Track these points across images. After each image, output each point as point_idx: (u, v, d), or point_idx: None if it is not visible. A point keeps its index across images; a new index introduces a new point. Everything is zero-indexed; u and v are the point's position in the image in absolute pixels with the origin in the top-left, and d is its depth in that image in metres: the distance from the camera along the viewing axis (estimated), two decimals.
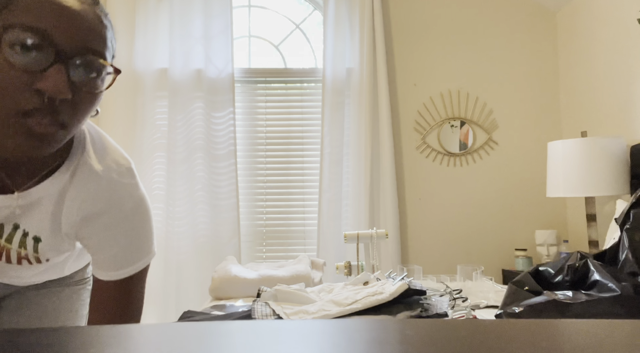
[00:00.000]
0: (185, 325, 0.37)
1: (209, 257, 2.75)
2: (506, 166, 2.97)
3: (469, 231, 2.92)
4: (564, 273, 1.29)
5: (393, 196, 2.80)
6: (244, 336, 0.34)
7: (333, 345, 0.31)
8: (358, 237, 1.96)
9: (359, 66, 2.87)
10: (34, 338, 0.34)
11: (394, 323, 0.36)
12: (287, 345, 0.31)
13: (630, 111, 2.33)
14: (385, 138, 2.83)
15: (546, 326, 0.35)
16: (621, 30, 2.38)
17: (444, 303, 1.10)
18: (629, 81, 2.34)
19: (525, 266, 2.66)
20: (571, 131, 2.88)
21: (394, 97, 2.97)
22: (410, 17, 3.02)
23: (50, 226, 0.75)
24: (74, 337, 0.34)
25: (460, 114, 2.98)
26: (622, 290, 1.08)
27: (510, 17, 3.03)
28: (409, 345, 0.31)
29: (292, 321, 0.39)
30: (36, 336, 0.34)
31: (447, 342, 0.31)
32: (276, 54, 3.13)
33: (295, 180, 2.99)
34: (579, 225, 2.81)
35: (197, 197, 2.80)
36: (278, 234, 2.94)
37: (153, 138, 2.84)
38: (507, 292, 1.27)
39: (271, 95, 3.05)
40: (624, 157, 2.21)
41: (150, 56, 2.87)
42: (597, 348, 0.30)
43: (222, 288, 2.04)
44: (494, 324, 0.36)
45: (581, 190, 2.21)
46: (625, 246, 1.23)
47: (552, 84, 3.02)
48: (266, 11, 3.14)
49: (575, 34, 2.83)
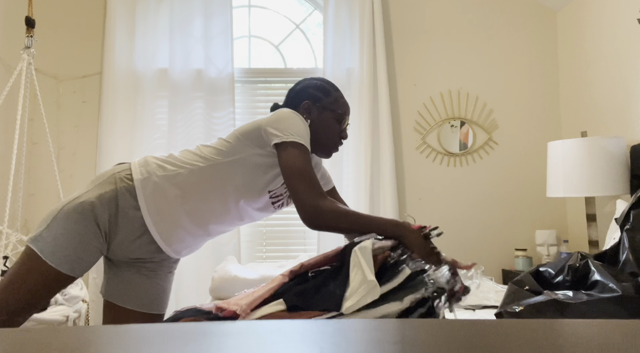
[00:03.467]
0: (185, 325, 0.37)
1: (209, 257, 2.75)
2: (506, 166, 2.97)
3: (469, 231, 2.92)
4: (565, 274, 1.29)
5: (393, 196, 2.80)
6: (244, 336, 0.34)
7: (333, 345, 0.31)
8: None
9: (359, 66, 2.87)
10: (35, 338, 0.34)
11: (394, 323, 0.36)
12: (287, 345, 0.31)
13: (630, 111, 2.33)
14: (385, 138, 2.82)
15: (546, 326, 0.35)
16: (621, 30, 2.38)
17: (444, 274, 1.08)
18: (629, 81, 2.34)
19: (525, 266, 2.66)
20: (571, 131, 2.88)
21: (394, 97, 2.97)
22: (410, 17, 3.02)
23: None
24: (74, 337, 0.34)
25: (460, 114, 2.98)
26: (623, 291, 1.08)
27: (510, 17, 3.03)
28: (409, 345, 0.30)
29: (292, 321, 0.39)
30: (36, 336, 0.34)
31: (447, 342, 0.31)
32: (276, 54, 3.13)
33: None
34: (579, 225, 2.81)
35: None
36: (278, 234, 2.94)
37: (153, 137, 2.84)
38: (507, 292, 1.26)
39: (271, 95, 3.05)
40: (624, 157, 2.21)
41: (150, 56, 2.87)
42: (597, 348, 0.30)
43: (222, 288, 2.04)
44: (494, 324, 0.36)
45: (581, 190, 2.21)
46: (625, 246, 1.23)
47: (552, 84, 3.02)
48: (266, 11, 3.14)
49: (575, 34, 2.83)
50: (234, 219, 1.27)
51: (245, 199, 1.21)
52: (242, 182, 1.20)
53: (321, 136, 1.27)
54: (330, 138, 1.29)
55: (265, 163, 1.19)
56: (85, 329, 0.37)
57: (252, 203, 1.23)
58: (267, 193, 1.23)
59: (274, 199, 1.26)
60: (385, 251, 1.08)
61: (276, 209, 1.32)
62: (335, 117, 1.29)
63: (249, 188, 1.20)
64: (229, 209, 1.22)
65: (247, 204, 1.23)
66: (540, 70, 3.02)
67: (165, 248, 1.25)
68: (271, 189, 1.23)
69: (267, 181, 1.21)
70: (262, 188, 1.21)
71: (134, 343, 0.33)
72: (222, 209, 1.22)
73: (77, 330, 0.36)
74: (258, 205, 1.25)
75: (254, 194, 1.21)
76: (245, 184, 1.20)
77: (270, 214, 1.34)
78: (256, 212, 1.28)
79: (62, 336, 0.35)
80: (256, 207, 1.25)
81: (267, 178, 1.20)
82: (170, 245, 1.25)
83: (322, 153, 1.31)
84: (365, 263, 1.02)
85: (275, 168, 1.19)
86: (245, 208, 1.24)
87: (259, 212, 1.29)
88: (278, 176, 1.21)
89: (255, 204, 1.24)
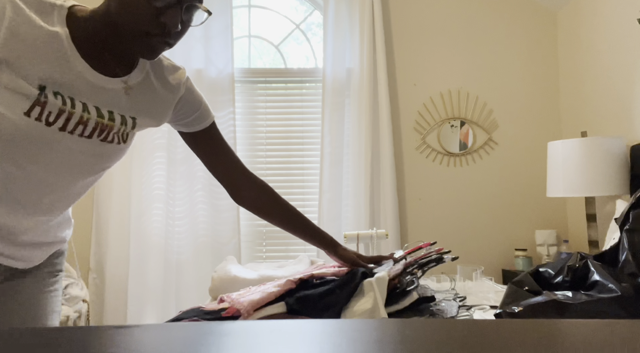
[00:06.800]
0: (185, 325, 0.38)
1: (209, 257, 2.75)
2: (506, 166, 2.97)
3: (469, 231, 2.92)
4: (564, 274, 1.29)
5: (393, 196, 2.80)
6: (244, 336, 0.34)
7: (333, 345, 0.31)
8: (358, 237, 1.96)
9: (359, 66, 2.87)
10: (33, 337, 0.34)
11: (394, 323, 0.36)
12: (287, 345, 0.31)
13: (630, 111, 2.33)
14: (385, 138, 2.82)
15: (546, 326, 0.35)
16: (621, 30, 2.38)
17: (453, 308, 1.10)
18: (629, 81, 2.34)
19: (525, 266, 2.66)
20: (571, 131, 2.88)
21: (394, 97, 2.97)
22: (410, 17, 3.02)
23: (147, 108, 0.99)
24: (74, 337, 0.34)
25: (460, 114, 2.98)
26: (622, 291, 1.08)
27: (510, 17, 3.03)
28: (409, 345, 0.31)
29: (293, 321, 0.39)
30: (35, 336, 0.34)
31: (447, 342, 0.31)
32: (276, 54, 3.13)
33: (295, 180, 2.99)
34: (579, 225, 2.81)
35: (197, 197, 2.80)
36: (278, 234, 2.94)
37: (153, 137, 2.84)
38: (506, 292, 1.26)
39: (271, 95, 3.05)
40: (624, 157, 2.21)
41: None
42: (597, 348, 0.30)
43: (222, 288, 2.04)
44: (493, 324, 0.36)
45: (581, 190, 2.21)
46: (625, 247, 1.23)
47: (552, 84, 3.02)
48: (266, 11, 3.14)
49: (575, 34, 2.83)
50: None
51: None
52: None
53: (121, 18, 0.83)
54: (134, 20, 0.82)
55: None
56: (86, 329, 0.37)
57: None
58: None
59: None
60: (396, 278, 1.09)
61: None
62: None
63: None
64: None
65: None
66: (540, 70, 3.02)
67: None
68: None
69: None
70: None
71: (135, 343, 0.33)
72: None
73: (78, 330, 0.36)
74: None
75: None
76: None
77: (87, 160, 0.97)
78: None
79: (62, 336, 0.35)
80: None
81: None
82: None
83: (132, 47, 0.86)
84: (379, 295, 1.02)
85: None
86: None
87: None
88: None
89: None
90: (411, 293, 1.06)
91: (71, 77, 0.84)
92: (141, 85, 0.97)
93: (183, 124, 1.13)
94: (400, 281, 1.09)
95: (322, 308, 1.00)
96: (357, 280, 1.05)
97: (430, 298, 1.09)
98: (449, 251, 1.20)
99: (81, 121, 0.86)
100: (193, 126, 1.13)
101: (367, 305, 1.01)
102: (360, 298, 1.03)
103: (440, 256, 1.18)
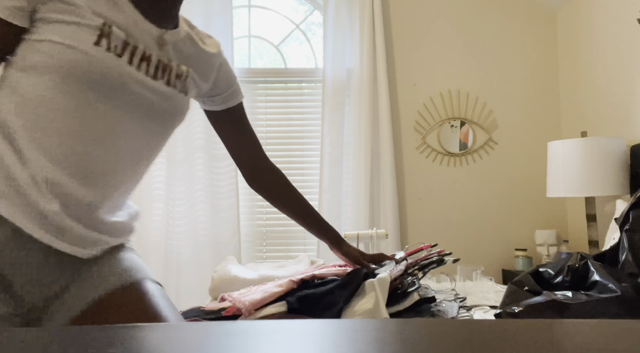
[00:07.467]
0: (185, 325, 0.38)
1: (209, 257, 2.75)
2: (506, 166, 2.97)
3: (468, 231, 2.92)
4: (564, 274, 1.29)
5: (393, 196, 2.80)
6: (244, 336, 0.34)
7: (333, 345, 0.31)
8: (358, 237, 1.96)
9: (359, 66, 2.87)
10: (33, 337, 0.34)
11: (394, 323, 0.36)
12: (287, 345, 0.31)
13: (630, 111, 2.33)
14: (385, 138, 2.82)
15: (546, 326, 0.35)
16: (621, 30, 2.38)
17: (453, 308, 1.10)
18: (629, 81, 2.34)
19: (525, 266, 2.66)
20: (571, 131, 2.88)
21: (394, 97, 2.97)
22: (410, 17, 3.02)
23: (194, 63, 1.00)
24: (73, 337, 0.34)
25: (460, 114, 2.98)
26: (622, 291, 1.08)
27: (510, 17, 3.03)
28: (409, 345, 0.31)
29: (293, 321, 0.39)
30: (36, 336, 0.34)
31: (447, 342, 0.31)
32: (276, 54, 3.13)
33: (295, 180, 2.99)
34: (579, 225, 2.81)
35: (197, 197, 2.80)
36: (278, 234, 2.94)
37: None
38: (506, 292, 1.26)
39: (271, 95, 3.05)
40: (624, 157, 2.21)
41: None
42: (597, 348, 0.30)
43: (222, 288, 2.04)
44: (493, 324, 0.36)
45: (581, 190, 2.21)
46: (625, 247, 1.23)
47: (552, 84, 3.02)
48: (266, 11, 3.14)
49: (575, 34, 2.83)
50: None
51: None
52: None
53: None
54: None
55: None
56: (85, 329, 0.37)
57: None
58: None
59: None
60: (398, 279, 1.09)
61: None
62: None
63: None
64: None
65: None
66: (540, 70, 3.02)
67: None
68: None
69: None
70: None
71: (135, 343, 0.33)
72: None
73: (77, 330, 0.36)
74: None
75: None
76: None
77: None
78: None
79: (62, 335, 0.35)
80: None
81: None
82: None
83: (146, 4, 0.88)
84: (381, 296, 1.02)
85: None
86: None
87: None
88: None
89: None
90: (412, 294, 1.06)
91: (123, 19, 0.84)
92: (184, 41, 0.98)
93: (219, 99, 1.10)
94: (402, 283, 1.10)
95: (323, 307, 1.01)
96: (359, 280, 1.05)
97: (431, 299, 1.09)
98: (450, 253, 1.20)
99: (144, 57, 0.86)
100: (226, 102, 1.11)
101: (368, 305, 1.01)
102: (362, 298, 1.03)
103: (442, 258, 1.18)
